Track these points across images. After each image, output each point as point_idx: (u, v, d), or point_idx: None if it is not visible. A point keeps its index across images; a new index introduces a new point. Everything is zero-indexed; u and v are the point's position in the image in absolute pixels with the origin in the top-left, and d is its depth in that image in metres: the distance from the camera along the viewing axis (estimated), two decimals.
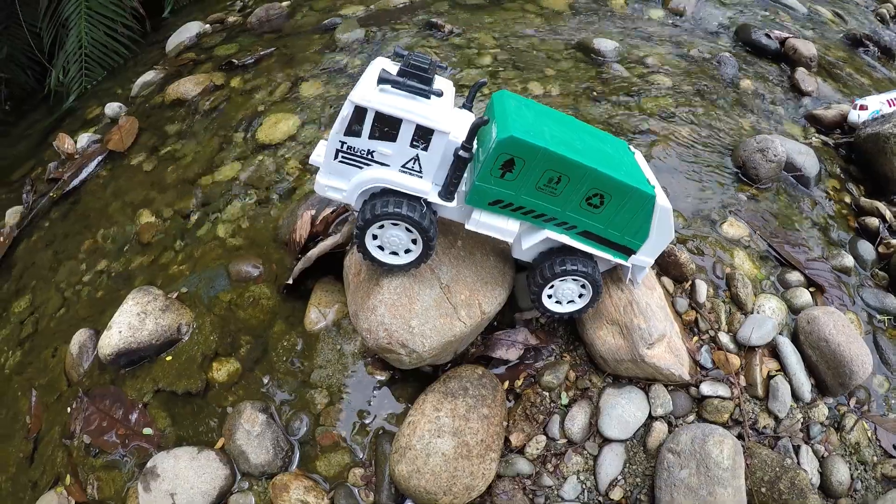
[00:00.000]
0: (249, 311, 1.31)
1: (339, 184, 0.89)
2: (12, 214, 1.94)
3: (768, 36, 2.24)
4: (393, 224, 0.90)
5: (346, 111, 0.83)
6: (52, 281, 1.68)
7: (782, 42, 2.23)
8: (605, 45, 2.04)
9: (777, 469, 0.99)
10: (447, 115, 0.85)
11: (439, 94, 0.84)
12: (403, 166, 0.87)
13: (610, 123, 1.71)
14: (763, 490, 0.98)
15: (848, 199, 1.73)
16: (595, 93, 1.83)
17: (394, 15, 2.21)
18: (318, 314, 1.23)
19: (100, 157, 1.94)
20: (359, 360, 1.16)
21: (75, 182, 1.91)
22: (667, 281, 1.28)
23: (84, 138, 2.06)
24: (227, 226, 1.53)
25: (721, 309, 1.25)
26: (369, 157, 0.86)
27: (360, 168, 0.87)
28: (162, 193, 1.72)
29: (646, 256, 1.02)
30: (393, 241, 0.94)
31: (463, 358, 1.14)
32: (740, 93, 2.00)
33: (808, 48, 2.19)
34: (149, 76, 2.27)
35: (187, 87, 2.04)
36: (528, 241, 0.97)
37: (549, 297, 1.04)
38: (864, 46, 2.54)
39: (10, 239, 1.87)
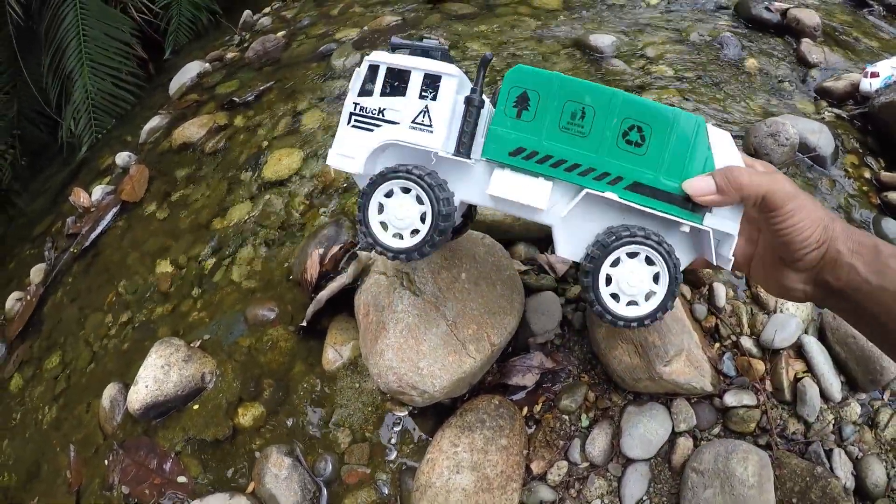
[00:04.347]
0: (269, 355, 1.33)
1: (350, 151, 0.88)
2: (36, 272, 2.00)
3: (768, 9, 2.18)
4: (403, 190, 0.84)
5: (361, 71, 0.86)
6: (80, 336, 1.73)
7: (784, 14, 2.16)
8: (603, 40, 2.00)
9: (808, 478, 0.96)
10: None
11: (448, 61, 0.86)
12: (413, 121, 0.85)
13: None
14: (794, 501, 0.95)
15: (868, 175, 1.66)
16: None
17: (387, 34, 2.20)
18: (335, 353, 1.24)
19: (115, 209, 1.99)
20: (377, 397, 1.17)
21: (93, 236, 1.96)
22: (683, 287, 1.25)
23: (98, 191, 2.12)
24: (241, 269, 1.55)
25: (742, 311, 1.22)
26: (380, 115, 0.86)
27: (371, 130, 0.86)
28: (177, 241, 1.75)
29: (726, 219, 0.79)
30: (400, 217, 0.85)
31: (480, 386, 1.14)
32: (746, 73, 1.94)
33: (810, 17, 2.11)
34: (155, 121, 2.31)
35: (192, 129, 2.08)
36: (566, 207, 0.81)
37: (612, 295, 0.80)
38: (867, 6, 2.45)
39: (37, 297, 1.93)
